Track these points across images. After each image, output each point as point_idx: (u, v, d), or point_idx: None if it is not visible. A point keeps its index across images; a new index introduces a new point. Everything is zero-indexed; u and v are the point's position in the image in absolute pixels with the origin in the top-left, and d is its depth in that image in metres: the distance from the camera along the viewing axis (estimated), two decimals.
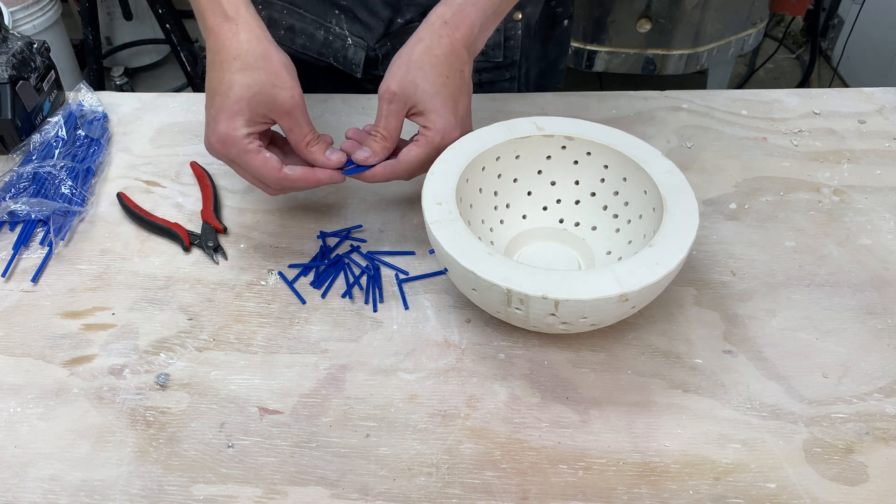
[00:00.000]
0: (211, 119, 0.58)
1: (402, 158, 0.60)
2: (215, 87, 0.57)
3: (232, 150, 0.58)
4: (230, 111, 0.57)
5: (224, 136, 0.57)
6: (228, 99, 0.56)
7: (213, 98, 0.57)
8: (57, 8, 2.00)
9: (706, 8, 1.75)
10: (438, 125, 0.59)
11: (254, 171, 0.59)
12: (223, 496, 0.48)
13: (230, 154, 0.58)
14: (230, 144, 0.57)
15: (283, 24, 0.81)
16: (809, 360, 0.56)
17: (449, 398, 0.53)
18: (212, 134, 0.58)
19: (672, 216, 0.54)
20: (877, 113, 0.82)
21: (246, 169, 0.59)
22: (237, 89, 0.56)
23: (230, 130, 0.57)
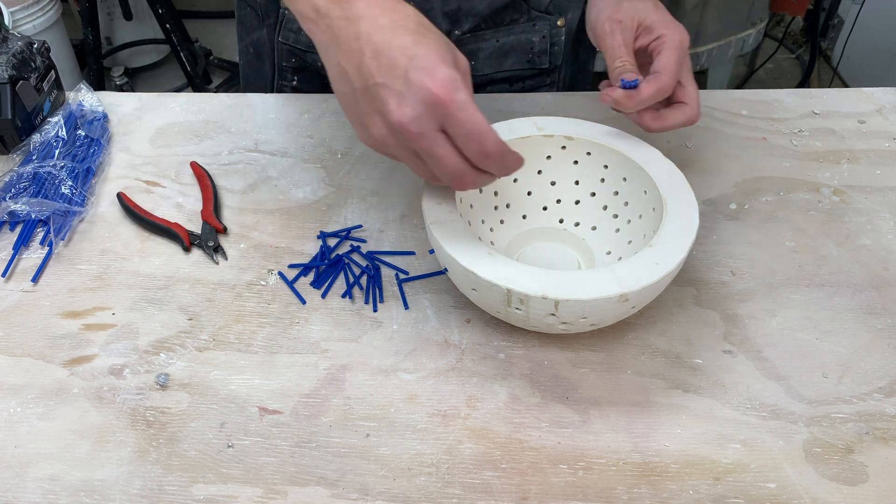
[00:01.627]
0: (413, 68, 0.45)
1: (659, 67, 0.60)
2: (398, 41, 0.46)
3: (459, 95, 0.45)
4: (441, 56, 0.46)
5: (450, 77, 0.45)
6: (431, 45, 0.46)
7: (404, 49, 0.46)
8: (57, 8, 2.00)
9: (706, 8, 1.75)
10: (672, 27, 0.60)
11: (480, 125, 0.46)
12: (223, 496, 0.48)
13: (456, 100, 0.45)
14: (458, 87, 0.45)
15: None
16: (809, 360, 0.56)
17: (449, 398, 0.53)
18: (429, 81, 0.45)
19: (672, 216, 0.54)
20: (877, 113, 0.82)
21: (469, 122, 0.45)
22: (432, 39, 0.47)
23: (453, 72, 0.45)
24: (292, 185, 0.72)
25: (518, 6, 0.79)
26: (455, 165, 0.48)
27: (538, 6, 0.80)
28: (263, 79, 0.87)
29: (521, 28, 0.81)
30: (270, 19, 0.81)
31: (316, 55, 0.81)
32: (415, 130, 0.46)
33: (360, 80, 0.47)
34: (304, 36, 0.80)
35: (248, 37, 0.87)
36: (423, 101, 0.45)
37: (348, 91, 0.49)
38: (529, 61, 0.82)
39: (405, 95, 0.46)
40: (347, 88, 0.49)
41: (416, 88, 0.45)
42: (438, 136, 0.47)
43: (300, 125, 0.79)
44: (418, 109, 0.46)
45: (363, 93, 0.48)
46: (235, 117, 0.80)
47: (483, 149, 0.47)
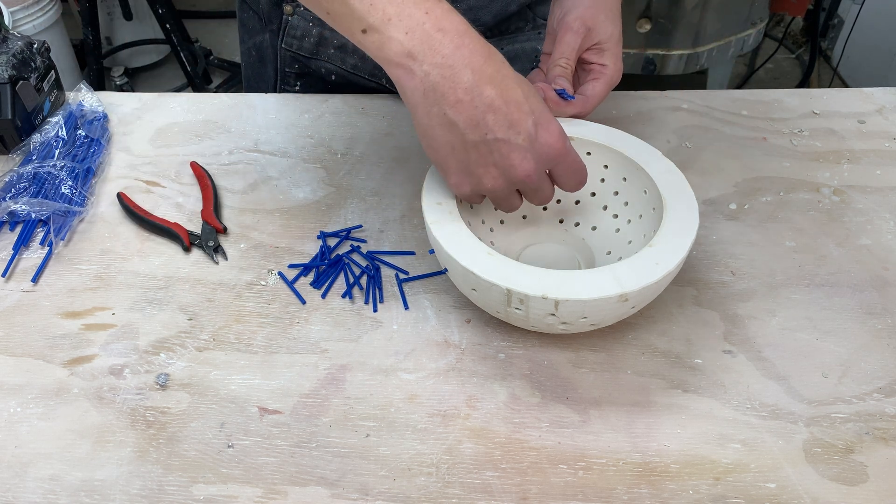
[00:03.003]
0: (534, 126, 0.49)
1: (590, 94, 0.62)
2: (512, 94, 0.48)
3: (568, 144, 0.51)
4: (546, 107, 0.50)
5: (561, 131, 0.50)
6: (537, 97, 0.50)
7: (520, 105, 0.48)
8: (57, 8, 2.00)
9: (706, 8, 1.75)
10: (617, 66, 0.62)
11: (580, 162, 0.53)
12: (223, 496, 0.48)
13: (567, 150, 0.51)
14: (566, 138, 0.51)
15: (335, 42, 0.78)
16: (809, 360, 0.56)
17: (449, 398, 0.53)
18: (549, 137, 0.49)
19: (672, 216, 0.54)
20: (877, 113, 0.82)
21: (574, 163, 0.52)
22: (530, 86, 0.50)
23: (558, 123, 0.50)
24: (292, 185, 0.72)
25: (523, 15, 0.79)
26: (551, 195, 0.54)
27: (543, 14, 0.80)
28: (266, 82, 0.87)
29: (526, 36, 0.80)
30: (273, 25, 0.81)
31: (320, 61, 0.81)
32: (535, 180, 0.51)
33: (475, 133, 0.48)
34: (307, 42, 0.79)
35: (251, 40, 0.87)
36: (546, 156, 0.50)
37: (456, 141, 0.50)
38: (534, 69, 0.82)
39: (529, 151, 0.49)
40: (455, 139, 0.50)
41: (540, 145, 0.50)
42: (545, 178, 0.53)
43: (300, 125, 0.79)
44: (540, 163, 0.51)
45: (478, 145, 0.49)
46: (235, 117, 0.80)
47: (581, 181, 0.54)
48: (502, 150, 0.49)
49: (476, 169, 0.50)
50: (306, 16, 0.77)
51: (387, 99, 0.82)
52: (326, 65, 0.80)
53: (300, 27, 0.78)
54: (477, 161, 0.50)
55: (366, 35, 0.48)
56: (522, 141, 0.49)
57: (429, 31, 0.47)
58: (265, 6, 0.80)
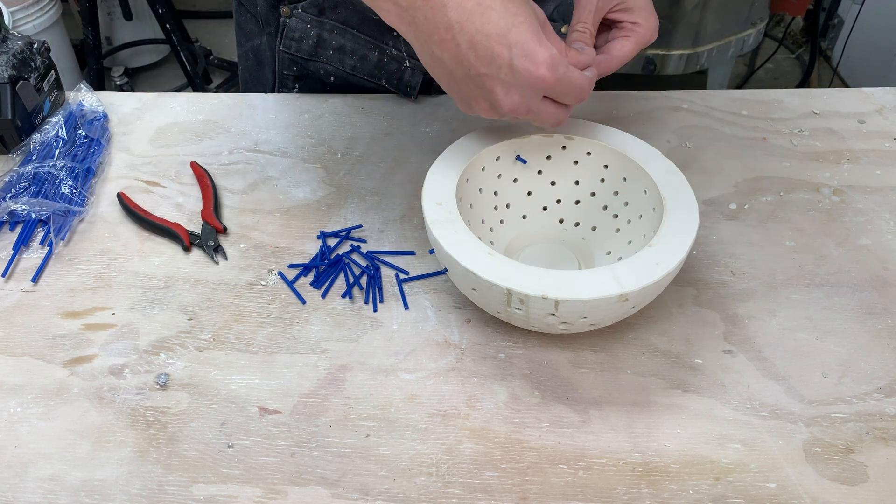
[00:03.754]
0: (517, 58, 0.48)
1: (616, 54, 0.59)
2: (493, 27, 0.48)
3: (560, 71, 0.49)
4: (536, 34, 0.49)
5: (550, 59, 0.49)
6: (524, 25, 0.49)
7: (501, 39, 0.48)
8: (57, 8, 2.00)
9: (706, 8, 1.75)
10: (650, 23, 0.60)
11: (578, 83, 0.51)
12: (223, 496, 0.48)
13: (559, 77, 0.49)
14: (558, 63, 0.49)
15: (333, 44, 0.79)
16: (809, 360, 0.56)
17: (449, 398, 0.53)
18: (534, 69, 0.48)
19: (672, 216, 0.54)
20: (877, 113, 0.82)
21: (571, 87, 0.51)
22: (521, 13, 0.49)
23: (551, 50, 0.49)
24: (292, 185, 0.72)
25: None
26: (555, 117, 0.53)
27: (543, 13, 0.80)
28: (264, 85, 0.87)
29: None
30: (271, 27, 0.81)
31: (318, 63, 0.80)
32: (523, 111, 0.51)
33: (459, 68, 0.50)
34: (305, 44, 0.79)
35: (248, 43, 0.87)
36: (531, 87, 0.49)
37: (446, 76, 0.51)
38: None
39: (512, 84, 0.49)
40: (445, 74, 0.51)
41: (522, 77, 0.49)
42: (543, 103, 0.52)
43: (300, 125, 0.79)
44: (526, 94, 0.50)
45: (465, 79, 0.51)
46: (235, 117, 0.80)
47: (582, 98, 0.52)
48: (486, 85, 0.50)
49: (469, 100, 0.52)
50: (304, 18, 0.77)
51: (387, 99, 0.83)
52: (325, 66, 0.80)
53: (298, 29, 0.78)
54: (469, 93, 0.51)
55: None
56: (504, 75, 0.49)
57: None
58: (262, 8, 0.80)
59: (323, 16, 0.77)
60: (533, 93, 0.50)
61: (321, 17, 0.77)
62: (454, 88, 0.52)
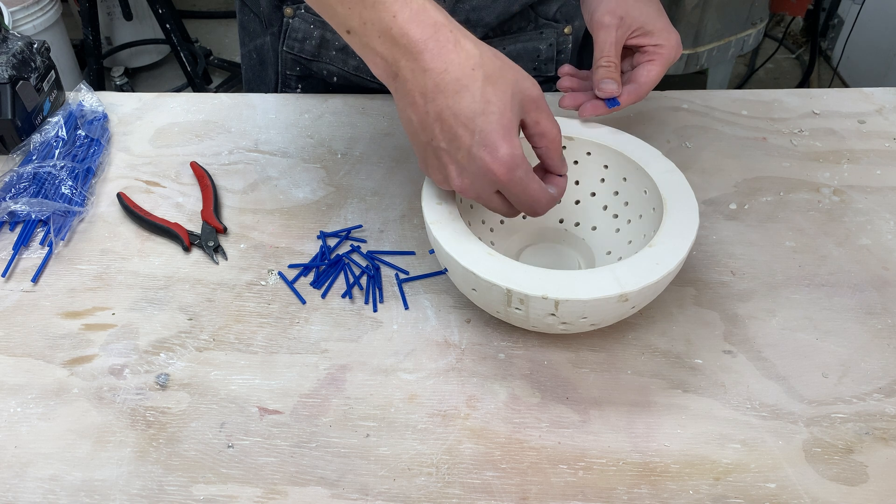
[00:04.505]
0: (477, 146, 0.48)
1: (643, 81, 0.60)
2: (463, 108, 0.47)
3: (517, 174, 0.49)
4: (504, 129, 0.48)
5: (510, 158, 0.48)
6: (493, 116, 0.47)
7: (467, 122, 0.48)
8: (57, 8, 2.00)
9: (706, 8, 1.75)
10: (672, 41, 0.60)
11: (533, 193, 0.50)
12: (223, 496, 0.48)
13: (514, 179, 0.49)
14: (517, 166, 0.48)
15: (336, 44, 0.78)
16: (809, 360, 0.56)
17: (449, 398, 0.53)
18: (490, 162, 0.48)
19: (672, 216, 0.54)
20: (877, 113, 0.82)
21: (523, 194, 0.50)
22: (497, 102, 0.48)
23: (514, 149, 0.48)
24: (292, 185, 0.72)
25: (526, 14, 0.79)
26: (505, 212, 0.53)
27: (545, 14, 0.80)
28: (266, 85, 0.87)
29: (529, 36, 0.80)
30: (274, 28, 0.81)
31: (321, 63, 0.80)
32: (472, 195, 0.51)
33: (423, 134, 0.50)
34: (308, 45, 0.79)
35: (251, 42, 0.87)
36: (483, 177, 0.49)
37: (412, 135, 0.52)
38: (536, 69, 0.82)
39: (466, 168, 0.50)
40: (412, 133, 0.52)
41: (477, 167, 0.49)
42: (493, 196, 0.52)
43: (300, 125, 0.79)
44: (477, 183, 0.50)
45: (426, 146, 0.51)
46: (235, 117, 0.80)
47: (534, 210, 0.52)
48: (443, 159, 0.50)
49: (428, 165, 0.53)
50: (307, 18, 0.77)
51: (387, 99, 0.82)
52: (328, 66, 0.80)
53: (301, 29, 0.78)
54: (429, 160, 0.52)
55: (349, 36, 0.51)
56: (461, 157, 0.49)
57: (395, 36, 0.48)
58: (265, 9, 0.80)
59: None
60: (484, 183, 0.50)
61: None
62: (417, 148, 0.53)
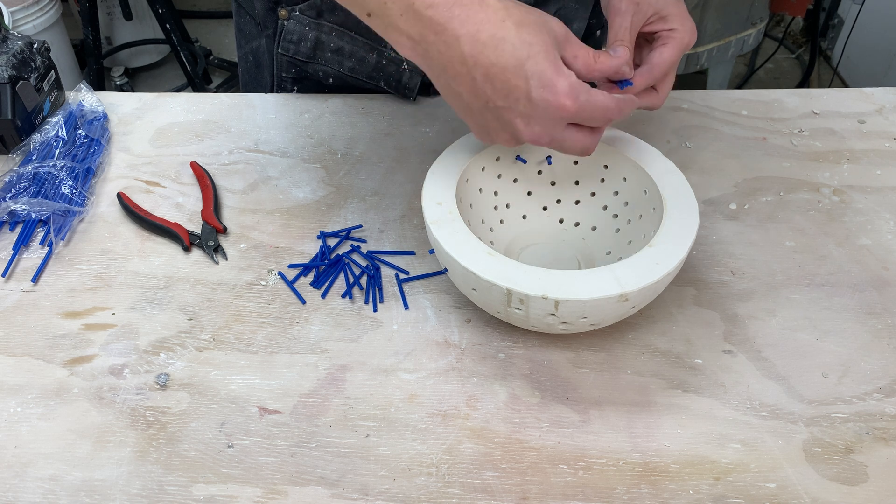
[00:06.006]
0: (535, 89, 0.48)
1: (656, 62, 0.59)
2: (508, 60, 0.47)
3: (582, 98, 0.49)
4: (553, 64, 0.48)
5: (570, 88, 0.48)
6: (539, 56, 0.47)
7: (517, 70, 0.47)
8: (57, 8, 2.00)
9: (706, 8, 1.75)
10: (687, 26, 0.59)
11: (605, 105, 0.50)
12: (223, 496, 0.48)
13: (582, 104, 0.49)
14: (579, 91, 0.48)
15: (331, 46, 0.78)
16: (809, 360, 0.56)
17: (449, 398, 0.53)
18: (553, 99, 0.48)
19: (672, 216, 0.54)
20: (877, 113, 0.82)
21: (596, 111, 0.50)
22: (537, 43, 0.48)
23: (570, 78, 0.48)
24: (292, 185, 0.72)
25: None
26: (581, 143, 0.52)
27: None
28: (262, 87, 0.87)
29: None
30: (269, 30, 0.81)
31: (317, 65, 0.80)
32: (546, 140, 0.51)
33: (476, 101, 0.50)
34: (303, 47, 0.79)
35: (248, 45, 0.87)
36: (552, 117, 0.49)
37: (463, 108, 0.52)
38: None
39: (532, 115, 0.49)
40: (462, 106, 0.51)
41: (542, 108, 0.48)
42: (567, 130, 0.51)
43: (300, 125, 0.79)
44: (547, 125, 0.50)
45: (483, 111, 0.50)
46: (235, 117, 0.80)
47: (611, 119, 0.51)
48: (505, 117, 0.50)
49: (490, 131, 0.52)
50: (302, 20, 0.77)
51: (387, 99, 0.83)
52: (324, 68, 0.80)
53: (296, 31, 0.78)
54: (488, 125, 0.51)
55: (371, 19, 0.50)
56: (523, 107, 0.48)
57: (418, 10, 0.47)
58: (260, 11, 0.80)
59: (321, 18, 0.77)
60: (555, 122, 0.50)
61: (319, 19, 0.77)
62: (472, 120, 0.52)
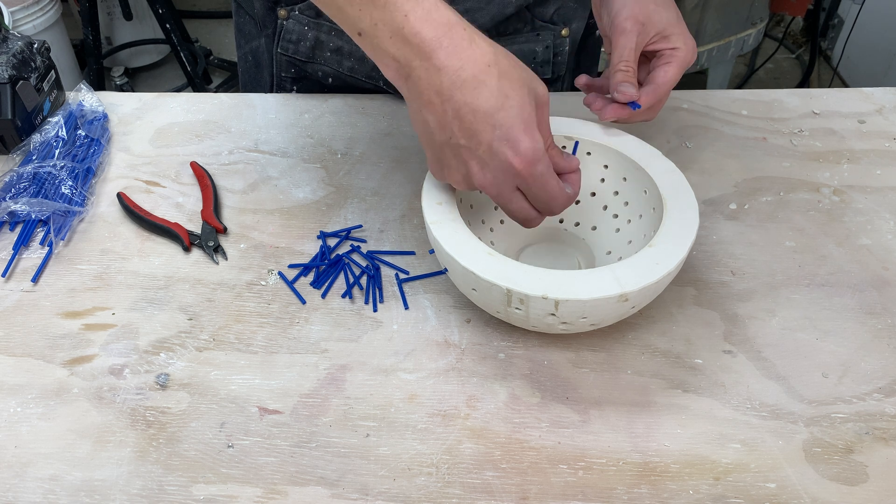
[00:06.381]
0: (498, 140, 0.48)
1: (661, 81, 0.60)
2: (482, 104, 0.47)
3: (538, 168, 0.49)
4: (525, 122, 0.48)
5: (532, 151, 0.48)
6: (513, 110, 0.48)
7: (487, 117, 0.47)
8: (57, 8, 2.00)
9: (706, 8, 1.75)
10: (689, 44, 0.61)
11: (552, 190, 0.51)
12: (223, 496, 0.48)
13: (534, 173, 0.49)
14: (538, 160, 0.48)
15: (331, 46, 0.78)
16: (809, 360, 0.56)
17: (449, 398, 0.53)
18: (512, 156, 0.48)
19: (672, 216, 0.54)
20: (877, 113, 0.82)
21: (542, 191, 0.50)
22: (515, 97, 0.48)
23: (535, 143, 0.48)
24: (292, 185, 0.72)
25: (522, 16, 0.79)
26: (526, 214, 0.53)
27: (542, 16, 0.80)
28: (262, 87, 0.87)
29: (525, 38, 0.80)
30: (268, 30, 0.81)
31: (316, 65, 0.80)
32: (493, 192, 0.51)
33: (441, 134, 0.50)
34: (302, 46, 0.79)
35: (247, 45, 0.87)
36: (505, 172, 0.49)
37: (428, 137, 0.52)
38: (532, 71, 0.81)
39: (487, 164, 0.49)
40: (427, 135, 0.51)
41: (499, 161, 0.49)
42: (514, 193, 0.51)
43: (300, 125, 0.79)
44: (499, 178, 0.50)
45: (444, 145, 0.51)
46: (235, 117, 0.80)
47: (551, 209, 0.52)
48: (463, 156, 0.50)
49: (444, 167, 0.52)
50: (301, 20, 0.77)
51: (386, 99, 0.83)
52: (323, 68, 0.80)
53: (295, 31, 0.78)
54: (446, 160, 0.52)
55: (361, 38, 0.50)
56: (482, 153, 0.49)
57: (407, 35, 0.47)
58: (259, 11, 0.80)
59: (320, 17, 0.77)
60: (506, 179, 0.50)
61: (318, 18, 0.77)
62: (432, 151, 0.52)
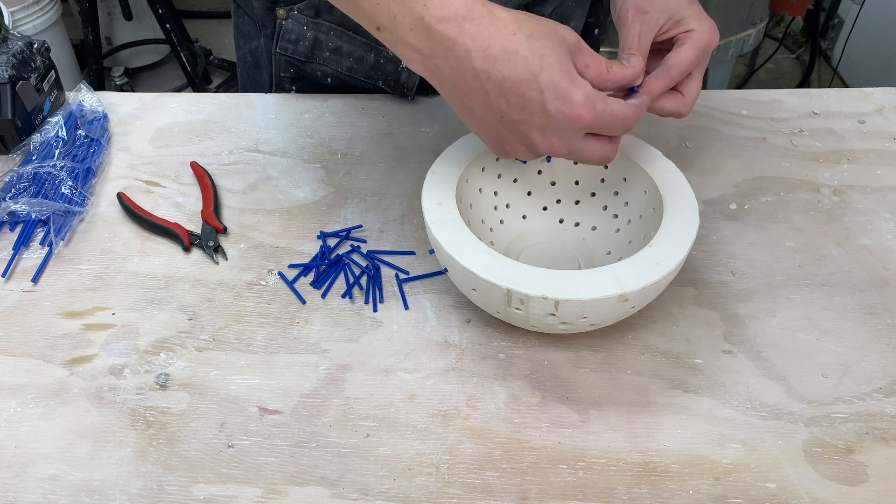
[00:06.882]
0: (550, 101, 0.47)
1: (671, 62, 0.56)
2: (521, 72, 0.47)
3: (598, 107, 0.48)
4: (568, 74, 0.47)
5: (586, 98, 0.47)
6: (553, 67, 0.47)
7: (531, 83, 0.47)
8: (57, 8, 2.00)
9: (706, 8, 1.75)
10: (705, 25, 0.57)
11: (621, 113, 0.49)
12: (223, 496, 0.48)
13: (598, 114, 0.48)
14: (595, 101, 0.48)
15: (330, 45, 0.78)
16: (809, 360, 0.56)
17: (449, 398, 0.53)
18: (570, 111, 0.47)
19: (672, 216, 0.54)
20: (877, 113, 0.82)
21: (613, 120, 0.49)
22: (550, 54, 0.47)
23: (585, 88, 0.48)
24: (292, 185, 0.72)
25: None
26: (600, 153, 0.51)
27: (541, 15, 0.80)
28: (261, 87, 0.87)
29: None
30: (267, 30, 0.81)
31: (315, 65, 0.80)
32: (564, 152, 0.50)
33: (491, 115, 0.49)
34: (301, 46, 0.79)
35: (246, 45, 0.87)
36: (569, 129, 0.49)
37: (477, 123, 0.51)
38: None
39: (548, 127, 0.48)
40: (476, 121, 0.51)
41: (559, 120, 0.48)
42: (585, 141, 0.50)
43: (300, 125, 0.79)
44: (565, 136, 0.49)
45: (498, 125, 0.50)
46: (235, 117, 0.80)
47: (627, 129, 0.51)
48: (521, 130, 0.49)
49: (506, 145, 0.51)
50: (300, 19, 0.77)
51: (386, 99, 0.83)
52: (322, 68, 0.80)
53: (294, 31, 0.78)
54: (504, 138, 0.51)
55: (380, 33, 0.49)
56: (539, 120, 0.48)
57: (429, 24, 0.47)
58: (258, 11, 0.80)
59: (319, 17, 0.77)
60: (572, 133, 0.49)
61: (317, 18, 0.77)
62: (487, 134, 0.51)
